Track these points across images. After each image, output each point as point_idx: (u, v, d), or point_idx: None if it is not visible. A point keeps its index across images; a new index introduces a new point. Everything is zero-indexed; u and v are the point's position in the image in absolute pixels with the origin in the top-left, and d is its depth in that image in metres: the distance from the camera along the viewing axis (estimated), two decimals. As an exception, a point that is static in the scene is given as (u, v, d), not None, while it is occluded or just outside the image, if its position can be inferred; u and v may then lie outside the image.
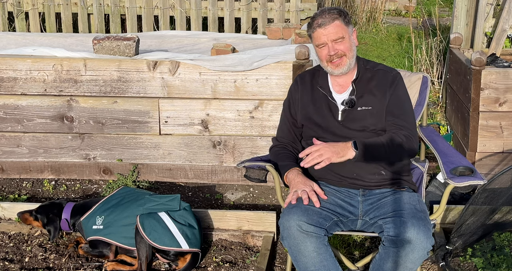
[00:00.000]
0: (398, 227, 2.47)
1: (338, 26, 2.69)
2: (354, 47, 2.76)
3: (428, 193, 3.75)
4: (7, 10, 6.25)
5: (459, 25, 5.05)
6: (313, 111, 2.81)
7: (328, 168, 2.75)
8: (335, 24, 2.68)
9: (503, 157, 3.96)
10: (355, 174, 2.73)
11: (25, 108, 3.98)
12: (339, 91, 2.80)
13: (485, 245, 3.15)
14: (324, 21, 2.69)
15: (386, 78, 2.78)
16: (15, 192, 3.98)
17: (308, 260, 2.53)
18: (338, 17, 2.69)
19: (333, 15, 2.69)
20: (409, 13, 8.88)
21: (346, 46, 2.71)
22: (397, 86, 2.78)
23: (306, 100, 2.84)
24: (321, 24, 2.69)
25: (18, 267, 3.09)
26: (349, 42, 2.72)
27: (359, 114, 2.74)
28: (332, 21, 2.68)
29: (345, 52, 2.71)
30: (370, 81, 2.78)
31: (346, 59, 2.72)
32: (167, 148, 3.99)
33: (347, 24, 2.72)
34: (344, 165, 2.71)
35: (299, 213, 2.53)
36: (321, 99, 2.80)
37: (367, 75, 2.79)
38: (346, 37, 2.70)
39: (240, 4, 5.93)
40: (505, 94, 3.88)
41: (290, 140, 2.90)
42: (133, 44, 3.91)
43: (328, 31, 2.69)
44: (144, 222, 3.02)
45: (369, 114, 2.73)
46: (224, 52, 3.96)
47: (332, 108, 2.78)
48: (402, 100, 2.78)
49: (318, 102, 2.81)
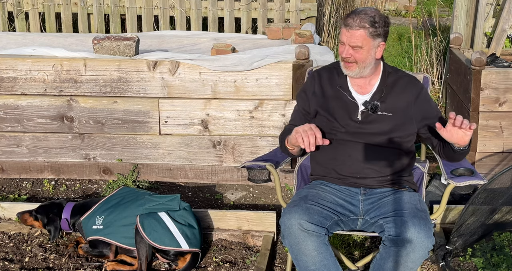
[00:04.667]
0: (399, 226, 2.47)
1: (361, 36, 2.60)
2: (372, 59, 2.66)
3: (428, 193, 3.75)
4: (7, 10, 6.24)
5: (459, 25, 5.05)
6: (330, 105, 2.76)
7: (332, 168, 2.75)
8: (359, 33, 2.60)
9: (503, 156, 3.96)
10: (359, 175, 2.73)
11: (25, 108, 3.98)
12: (360, 92, 2.76)
13: (485, 245, 3.15)
14: (351, 24, 2.61)
15: (413, 87, 2.75)
16: (15, 192, 3.98)
17: (309, 259, 2.53)
18: (366, 27, 2.59)
19: (362, 23, 2.59)
20: (409, 13, 8.88)
21: (361, 56, 2.64)
22: (426, 97, 2.75)
23: (324, 95, 2.79)
24: (347, 25, 2.62)
25: (18, 267, 3.09)
26: (367, 53, 2.64)
27: (379, 118, 2.71)
28: (357, 29, 2.60)
29: (357, 60, 2.65)
30: (395, 86, 2.74)
31: (356, 67, 2.67)
32: (167, 148, 3.99)
33: (375, 36, 2.61)
34: (350, 165, 2.71)
35: (300, 211, 2.52)
36: (340, 98, 2.76)
37: (392, 78, 2.76)
38: (365, 48, 2.62)
39: (240, 4, 5.93)
40: (505, 94, 3.88)
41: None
42: (133, 44, 3.91)
43: (350, 35, 2.62)
44: (144, 222, 3.02)
45: (388, 120, 2.71)
46: (224, 52, 3.96)
47: (351, 107, 2.74)
48: (437, 115, 2.75)
49: (336, 99, 2.76)
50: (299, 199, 2.65)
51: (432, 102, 2.80)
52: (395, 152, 2.73)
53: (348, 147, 2.73)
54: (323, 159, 2.81)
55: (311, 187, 2.78)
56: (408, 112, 2.72)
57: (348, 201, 2.70)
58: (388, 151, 2.72)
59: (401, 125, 2.72)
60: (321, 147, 2.76)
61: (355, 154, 2.72)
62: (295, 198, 2.72)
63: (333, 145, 2.74)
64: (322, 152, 2.80)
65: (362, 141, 2.71)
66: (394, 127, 2.71)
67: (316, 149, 2.59)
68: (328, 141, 2.61)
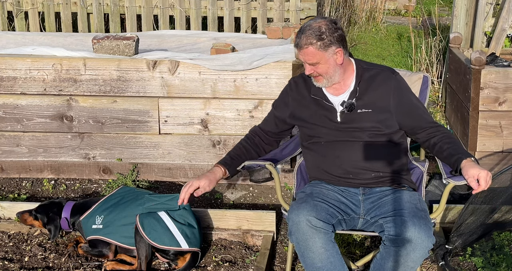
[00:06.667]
0: (399, 226, 2.47)
1: (312, 52, 2.62)
2: (335, 67, 2.67)
3: (428, 193, 3.75)
4: (7, 10, 6.24)
5: (459, 24, 5.05)
6: (308, 114, 2.80)
7: (325, 171, 2.77)
8: (308, 50, 2.62)
9: (502, 156, 3.96)
10: (351, 175, 2.74)
11: (24, 108, 3.98)
12: (336, 94, 2.78)
13: (484, 244, 3.15)
14: (300, 43, 2.63)
15: (388, 80, 2.76)
16: (15, 192, 3.98)
17: (316, 256, 2.53)
18: (313, 43, 2.60)
19: (308, 40, 2.61)
20: (409, 12, 8.88)
21: (322, 70, 2.66)
22: (403, 90, 2.77)
23: (302, 103, 2.83)
24: (296, 45, 2.66)
25: (17, 266, 3.09)
26: (326, 65, 2.65)
27: (359, 116, 2.73)
28: (306, 47, 2.62)
29: (321, 74, 2.68)
30: (370, 82, 2.76)
31: (323, 78, 2.70)
32: (166, 147, 3.99)
33: (326, 47, 2.61)
34: (339, 165, 2.72)
35: (308, 208, 2.53)
36: (318, 103, 2.79)
37: (366, 75, 2.78)
38: (321, 61, 2.64)
39: (240, 4, 5.93)
40: (504, 93, 3.88)
41: (268, 129, 2.94)
42: (132, 43, 3.90)
43: (303, 54, 2.65)
44: (143, 221, 3.02)
45: (369, 117, 2.73)
46: (223, 52, 3.96)
47: (330, 110, 2.77)
48: (414, 103, 2.77)
49: (314, 105, 2.79)
50: (306, 196, 2.66)
51: (410, 94, 2.79)
52: (382, 147, 2.74)
53: (335, 149, 2.75)
54: (314, 163, 2.85)
55: (313, 185, 2.79)
56: (387, 107, 2.73)
57: (349, 200, 2.71)
58: (375, 147, 2.73)
59: (383, 120, 2.73)
60: (311, 152, 2.83)
61: (343, 154, 2.74)
62: (301, 195, 2.73)
63: (321, 149, 2.79)
64: (312, 157, 2.85)
65: (347, 140, 2.73)
66: (375, 123, 2.72)
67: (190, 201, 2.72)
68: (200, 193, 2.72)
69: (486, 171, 2.47)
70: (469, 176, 2.48)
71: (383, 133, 2.73)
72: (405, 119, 2.75)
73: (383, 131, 2.73)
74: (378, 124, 2.72)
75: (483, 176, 2.45)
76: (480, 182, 2.46)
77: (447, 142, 2.68)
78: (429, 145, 2.74)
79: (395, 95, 2.74)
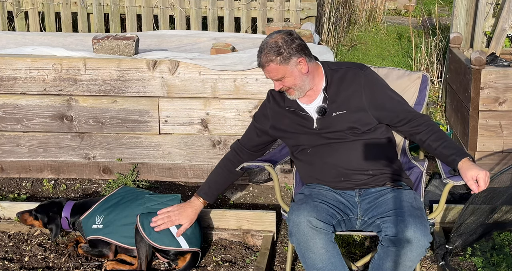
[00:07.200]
0: (395, 226, 2.48)
1: (274, 68, 2.64)
2: (301, 77, 2.68)
3: (427, 193, 3.75)
4: (7, 10, 6.24)
5: (459, 24, 5.05)
6: (287, 125, 2.81)
7: (316, 178, 2.79)
8: (271, 68, 2.64)
9: (502, 156, 3.96)
10: (342, 178, 2.74)
11: (24, 108, 3.98)
12: (309, 101, 2.77)
13: (484, 244, 3.15)
14: (261, 62, 2.67)
15: (357, 78, 2.75)
16: (15, 191, 3.98)
17: (317, 256, 2.53)
18: (273, 59, 2.62)
19: (268, 57, 2.62)
20: (409, 12, 8.88)
21: (290, 83, 2.67)
22: (373, 84, 2.75)
23: (279, 116, 2.84)
24: (259, 64, 2.69)
25: (17, 266, 3.09)
26: (292, 78, 2.66)
27: (335, 120, 2.73)
28: (267, 64, 2.64)
29: (290, 87, 2.69)
30: (340, 83, 2.75)
31: (294, 91, 2.71)
32: (166, 147, 3.99)
33: (286, 60, 2.62)
34: (328, 171, 2.72)
35: (308, 209, 2.53)
36: (294, 113, 2.80)
37: (335, 77, 2.76)
38: (287, 75, 2.65)
39: (240, 4, 5.93)
40: (504, 93, 3.88)
41: (250, 144, 2.95)
42: (132, 43, 3.91)
43: (267, 72, 2.68)
44: (144, 221, 3.02)
45: (344, 118, 2.72)
46: (223, 52, 3.96)
47: (306, 119, 2.77)
48: (388, 94, 2.76)
49: (291, 116, 2.80)
50: (305, 197, 2.67)
51: (383, 87, 2.78)
52: (367, 146, 2.73)
53: (321, 156, 2.76)
54: (306, 173, 2.86)
55: (311, 187, 2.79)
56: (361, 104, 2.72)
57: (347, 201, 2.71)
58: (359, 147, 2.73)
59: (359, 119, 2.72)
60: (300, 163, 2.85)
61: (330, 160, 2.74)
62: (300, 196, 2.73)
63: (308, 158, 2.80)
64: (302, 167, 2.86)
65: (330, 146, 2.73)
66: (351, 123, 2.71)
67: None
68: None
69: (484, 171, 2.47)
70: (468, 179, 2.48)
71: (362, 132, 2.72)
72: (381, 113, 2.73)
73: (361, 130, 2.72)
74: (354, 124, 2.71)
75: (482, 177, 2.45)
76: (479, 183, 2.46)
77: (434, 139, 2.66)
78: (420, 142, 2.74)
79: (366, 91, 2.73)
